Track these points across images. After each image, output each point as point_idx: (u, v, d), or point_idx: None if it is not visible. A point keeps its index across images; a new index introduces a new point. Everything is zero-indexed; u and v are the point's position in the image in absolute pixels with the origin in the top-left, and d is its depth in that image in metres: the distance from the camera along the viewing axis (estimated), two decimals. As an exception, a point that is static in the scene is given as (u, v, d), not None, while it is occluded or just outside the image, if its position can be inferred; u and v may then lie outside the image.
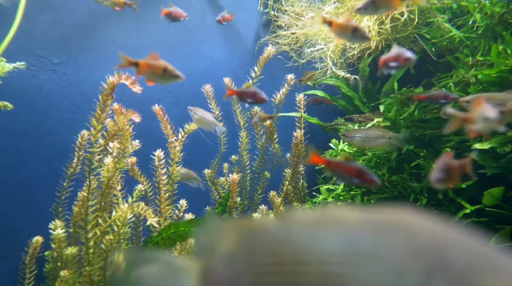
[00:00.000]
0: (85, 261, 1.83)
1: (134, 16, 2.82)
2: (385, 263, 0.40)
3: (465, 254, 0.39)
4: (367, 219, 0.43)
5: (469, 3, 2.27)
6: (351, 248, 0.42)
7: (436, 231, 0.41)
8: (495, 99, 1.63)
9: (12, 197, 2.42)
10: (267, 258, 0.46)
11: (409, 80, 2.54)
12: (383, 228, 0.42)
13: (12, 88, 2.42)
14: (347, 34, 1.58)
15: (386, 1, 1.57)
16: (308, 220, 0.46)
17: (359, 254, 0.41)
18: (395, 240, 0.41)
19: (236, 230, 0.51)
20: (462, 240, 0.40)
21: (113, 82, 1.75)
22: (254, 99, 1.77)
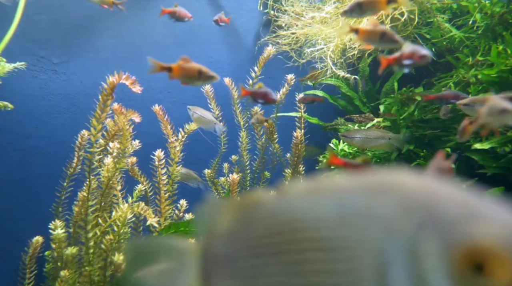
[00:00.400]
0: (85, 261, 1.83)
1: (134, 16, 2.82)
2: (376, 221, 0.41)
3: (455, 205, 0.39)
4: (360, 183, 0.44)
5: (469, 3, 2.27)
6: (344, 211, 0.43)
7: (428, 186, 0.42)
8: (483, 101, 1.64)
9: (12, 197, 2.42)
10: (265, 230, 0.47)
11: (409, 80, 2.54)
12: (375, 189, 0.43)
13: (12, 88, 2.42)
14: (375, 39, 1.54)
15: (372, 4, 1.56)
16: (303, 189, 0.47)
17: (351, 216, 0.42)
18: (386, 199, 0.41)
19: (234, 208, 0.52)
20: (454, 192, 0.41)
21: (113, 82, 1.75)
22: (265, 100, 1.77)
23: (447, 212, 0.39)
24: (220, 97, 2.50)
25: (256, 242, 0.48)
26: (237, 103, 2.54)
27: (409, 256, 0.39)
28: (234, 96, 2.48)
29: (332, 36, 2.68)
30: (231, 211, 0.52)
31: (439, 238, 0.38)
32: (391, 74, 2.68)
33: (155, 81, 2.78)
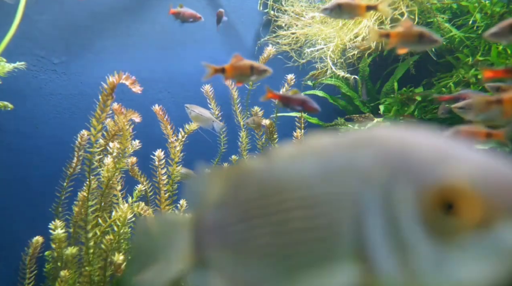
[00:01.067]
0: (85, 261, 1.83)
1: (134, 16, 2.82)
2: (354, 174, 0.42)
3: (427, 151, 0.41)
4: (342, 140, 0.46)
5: (469, 3, 2.27)
6: (325, 168, 0.44)
7: (403, 137, 0.43)
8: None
9: (12, 197, 2.42)
10: (252, 195, 0.49)
11: (409, 80, 2.54)
12: (354, 144, 0.44)
13: (12, 88, 2.42)
14: (412, 41, 1.48)
15: (352, 8, 1.55)
16: (288, 152, 0.48)
17: (332, 172, 0.44)
18: (364, 152, 0.43)
19: (223, 177, 0.53)
20: (427, 140, 0.42)
21: (113, 82, 1.75)
22: (304, 108, 1.75)
23: (419, 158, 0.40)
24: (220, 97, 2.50)
25: (245, 207, 0.49)
26: (237, 103, 2.54)
27: (383, 204, 0.40)
28: (234, 96, 2.48)
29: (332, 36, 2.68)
30: (221, 181, 0.53)
31: (410, 183, 0.39)
32: (391, 74, 2.68)
33: (155, 81, 2.79)
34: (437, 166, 0.39)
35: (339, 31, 2.63)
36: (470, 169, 0.39)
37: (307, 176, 0.45)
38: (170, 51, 2.87)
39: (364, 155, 0.43)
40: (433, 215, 0.39)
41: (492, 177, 0.38)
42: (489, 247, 0.37)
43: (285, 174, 0.47)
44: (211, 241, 0.53)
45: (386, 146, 0.43)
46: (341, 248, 0.42)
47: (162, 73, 2.82)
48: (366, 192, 0.41)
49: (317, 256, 0.44)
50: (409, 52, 2.53)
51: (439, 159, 0.40)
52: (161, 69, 2.81)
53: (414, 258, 0.39)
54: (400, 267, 0.40)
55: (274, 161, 0.49)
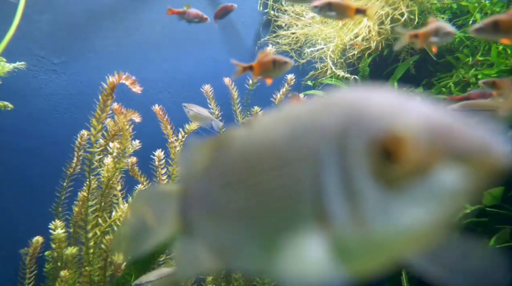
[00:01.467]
0: (85, 261, 1.83)
1: (134, 16, 2.82)
2: (316, 132, 0.45)
3: (380, 105, 0.43)
4: (311, 104, 0.49)
5: (469, 3, 2.27)
6: (292, 130, 0.48)
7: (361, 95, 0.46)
8: (480, 106, 1.65)
9: (12, 197, 2.42)
10: (234, 162, 0.52)
11: (409, 80, 2.54)
12: (319, 106, 0.48)
13: (12, 88, 2.42)
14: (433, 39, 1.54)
15: (341, 8, 1.56)
16: (266, 121, 0.52)
17: (297, 132, 0.47)
18: (327, 112, 0.46)
19: (208, 147, 0.56)
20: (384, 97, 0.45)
21: (113, 82, 1.75)
22: None
23: (369, 112, 0.43)
24: (220, 97, 2.50)
25: (225, 174, 0.53)
26: (237, 103, 2.54)
27: (338, 158, 0.43)
28: (234, 96, 2.48)
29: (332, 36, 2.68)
30: (207, 151, 0.56)
31: (360, 135, 0.42)
32: (391, 74, 2.68)
33: (155, 81, 2.78)
34: (383, 118, 0.42)
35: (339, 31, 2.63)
36: (411, 119, 0.41)
37: (276, 138, 0.48)
38: (170, 51, 2.87)
39: (324, 114, 0.46)
40: (379, 164, 0.41)
41: (432, 125, 0.40)
42: (429, 191, 0.40)
43: (259, 139, 0.50)
44: (195, 208, 0.57)
45: (343, 103, 0.45)
46: (304, 204, 0.45)
47: (162, 73, 2.82)
48: (324, 148, 0.44)
49: (285, 215, 0.46)
50: (409, 52, 2.53)
51: (386, 111, 0.42)
52: (161, 69, 2.81)
53: (364, 207, 0.42)
54: (352, 217, 0.42)
55: (254, 129, 0.52)
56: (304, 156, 0.45)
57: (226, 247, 0.54)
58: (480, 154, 0.39)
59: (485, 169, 0.40)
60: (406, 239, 0.42)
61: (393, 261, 0.47)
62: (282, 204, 0.46)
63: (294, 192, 0.45)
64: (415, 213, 0.40)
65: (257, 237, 0.49)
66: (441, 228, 0.43)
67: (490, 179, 0.41)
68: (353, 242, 0.43)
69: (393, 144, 0.40)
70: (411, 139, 0.40)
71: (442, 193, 0.40)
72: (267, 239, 0.48)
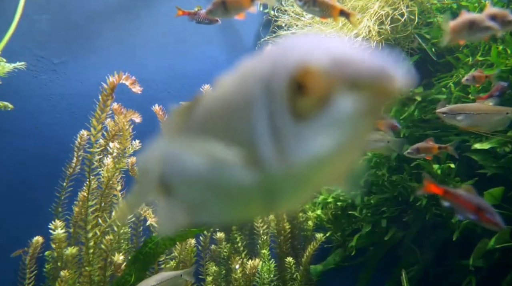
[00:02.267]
0: (85, 261, 1.83)
1: (134, 16, 2.81)
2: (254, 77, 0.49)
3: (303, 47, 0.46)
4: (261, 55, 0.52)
5: (469, 3, 2.27)
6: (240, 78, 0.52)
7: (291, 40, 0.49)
8: (469, 110, 1.65)
9: (12, 197, 2.42)
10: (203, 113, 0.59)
11: (409, 80, 2.54)
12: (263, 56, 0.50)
13: (12, 88, 2.42)
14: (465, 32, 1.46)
15: (325, 7, 1.54)
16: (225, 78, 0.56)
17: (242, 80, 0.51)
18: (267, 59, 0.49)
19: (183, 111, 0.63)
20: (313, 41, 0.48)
21: (113, 82, 1.75)
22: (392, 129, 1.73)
23: (292, 54, 0.46)
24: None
25: (192, 131, 0.59)
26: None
27: (266, 98, 0.47)
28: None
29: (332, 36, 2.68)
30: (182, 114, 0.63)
31: (281, 74, 0.46)
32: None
33: (155, 81, 2.78)
34: (298, 55, 0.45)
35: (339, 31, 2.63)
36: (318, 52, 0.44)
37: (227, 90, 0.54)
38: (170, 51, 2.87)
39: (265, 61, 0.49)
40: (294, 98, 0.45)
41: (334, 56, 0.43)
42: (333, 118, 0.43)
43: (217, 91, 0.56)
44: (171, 170, 0.63)
45: (275, 51, 0.49)
46: (243, 148, 0.49)
47: (162, 73, 2.82)
48: (257, 93, 0.48)
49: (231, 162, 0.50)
50: (409, 52, 2.53)
51: (302, 50, 0.46)
52: (161, 69, 2.81)
53: (284, 142, 0.46)
54: (277, 154, 0.46)
55: (216, 87, 0.57)
56: (243, 102, 0.49)
57: (195, 203, 0.61)
58: (373, 78, 0.42)
59: (379, 92, 0.43)
60: (321, 167, 0.46)
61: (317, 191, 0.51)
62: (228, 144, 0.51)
63: (237, 137, 0.50)
64: (323, 140, 0.44)
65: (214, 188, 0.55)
66: (351, 154, 0.47)
67: (386, 102, 0.44)
68: (282, 179, 0.47)
69: (302, 76, 0.44)
70: (315, 70, 0.43)
71: (344, 119, 0.43)
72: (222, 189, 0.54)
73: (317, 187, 0.52)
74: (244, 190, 0.51)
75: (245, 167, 0.49)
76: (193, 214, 0.63)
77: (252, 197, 0.52)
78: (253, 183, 0.49)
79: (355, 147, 0.47)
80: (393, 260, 2.37)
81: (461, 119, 1.66)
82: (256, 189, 0.50)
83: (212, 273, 2.11)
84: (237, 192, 0.52)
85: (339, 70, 0.43)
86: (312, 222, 2.39)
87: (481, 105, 1.68)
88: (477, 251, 1.87)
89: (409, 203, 2.18)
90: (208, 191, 0.57)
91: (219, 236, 2.21)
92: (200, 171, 0.55)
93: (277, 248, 2.29)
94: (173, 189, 0.63)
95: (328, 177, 0.49)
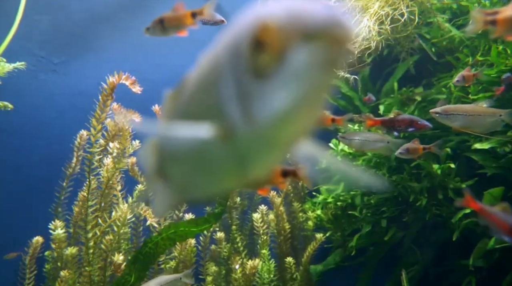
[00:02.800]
0: (85, 261, 1.84)
1: (134, 16, 2.81)
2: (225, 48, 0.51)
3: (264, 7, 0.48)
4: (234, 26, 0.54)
5: (469, 3, 2.27)
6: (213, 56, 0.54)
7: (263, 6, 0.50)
8: (463, 111, 1.66)
9: (12, 197, 2.42)
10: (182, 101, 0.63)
11: (409, 80, 2.54)
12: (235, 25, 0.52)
13: (12, 88, 2.42)
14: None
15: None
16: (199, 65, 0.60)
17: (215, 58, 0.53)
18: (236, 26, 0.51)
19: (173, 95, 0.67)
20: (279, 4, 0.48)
21: (113, 82, 1.75)
22: (416, 127, 1.70)
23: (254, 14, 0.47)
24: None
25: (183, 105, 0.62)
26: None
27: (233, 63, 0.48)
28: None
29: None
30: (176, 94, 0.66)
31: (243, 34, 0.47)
32: (391, 74, 2.68)
33: (155, 81, 2.78)
34: (258, 14, 0.46)
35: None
36: (275, 8, 0.45)
37: (204, 65, 0.56)
38: (170, 51, 2.87)
39: (230, 30, 0.52)
40: (254, 56, 0.46)
41: (290, 10, 0.44)
42: (290, 72, 0.44)
43: (196, 70, 0.59)
44: (164, 157, 0.66)
45: (241, 16, 0.50)
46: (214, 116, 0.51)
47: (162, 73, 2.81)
48: (225, 59, 0.50)
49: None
50: (409, 52, 2.53)
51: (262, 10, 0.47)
52: (161, 69, 2.81)
53: (248, 102, 0.47)
54: (242, 114, 0.48)
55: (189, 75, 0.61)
56: (214, 75, 0.52)
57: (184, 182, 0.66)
58: (325, 27, 0.43)
59: (333, 41, 0.43)
60: (285, 122, 0.47)
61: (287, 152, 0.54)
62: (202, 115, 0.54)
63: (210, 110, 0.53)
64: (284, 95, 0.45)
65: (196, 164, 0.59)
66: (312, 109, 0.48)
67: (340, 51, 0.44)
68: (250, 141, 0.49)
69: (261, 32, 0.45)
70: (272, 25, 0.44)
71: (301, 71, 0.44)
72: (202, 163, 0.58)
73: (285, 146, 0.53)
74: (219, 161, 0.54)
75: (217, 139, 0.50)
76: (184, 193, 0.67)
77: (227, 165, 0.54)
78: (226, 152, 0.51)
79: (315, 101, 0.47)
80: (393, 260, 2.37)
81: (454, 120, 1.66)
82: (230, 157, 0.52)
83: (212, 273, 2.11)
84: (214, 164, 0.55)
85: (293, 22, 0.43)
86: (312, 222, 2.39)
87: (474, 107, 1.68)
88: (477, 251, 1.87)
89: (409, 203, 2.18)
90: (192, 168, 0.61)
91: (219, 236, 2.21)
92: (183, 151, 0.58)
93: (277, 248, 2.29)
94: (168, 173, 0.67)
95: (293, 133, 0.50)
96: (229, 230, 2.34)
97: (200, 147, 0.54)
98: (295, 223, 2.40)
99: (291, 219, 2.39)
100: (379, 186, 0.62)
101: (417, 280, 2.26)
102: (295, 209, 2.41)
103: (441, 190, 2.05)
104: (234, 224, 2.36)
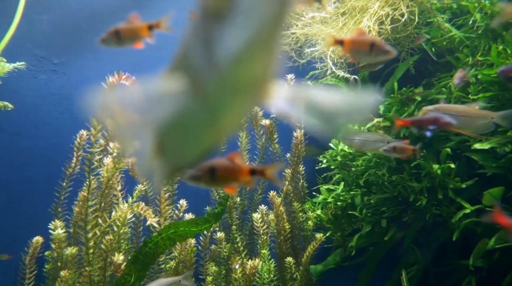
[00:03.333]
0: (85, 261, 1.84)
1: (134, 16, 2.81)
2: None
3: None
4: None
5: (469, 3, 2.27)
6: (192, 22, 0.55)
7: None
8: (455, 111, 1.66)
9: (12, 197, 2.42)
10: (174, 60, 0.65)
11: (409, 80, 2.54)
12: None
13: (12, 88, 2.42)
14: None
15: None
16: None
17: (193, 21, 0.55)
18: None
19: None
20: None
21: (113, 82, 1.75)
22: (439, 125, 1.69)
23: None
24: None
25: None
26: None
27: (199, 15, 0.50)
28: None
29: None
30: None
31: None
32: (391, 74, 2.67)
33: (155, 81, 2.78)
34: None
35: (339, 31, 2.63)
36: None
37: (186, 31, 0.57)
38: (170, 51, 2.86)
39: None
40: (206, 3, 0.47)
41: None
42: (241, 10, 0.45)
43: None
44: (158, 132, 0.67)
45: None
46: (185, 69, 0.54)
47: (162, 73, 2.82)
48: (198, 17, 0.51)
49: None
50: (409, 52, 2.53)
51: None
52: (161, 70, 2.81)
53: (209, 46, 0.48)
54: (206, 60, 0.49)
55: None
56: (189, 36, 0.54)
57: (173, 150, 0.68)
58: None
59: None
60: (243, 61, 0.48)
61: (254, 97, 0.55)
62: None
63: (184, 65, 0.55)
64: (238, 33, 0.45)
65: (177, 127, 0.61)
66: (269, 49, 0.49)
67: None
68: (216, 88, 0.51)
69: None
70: None
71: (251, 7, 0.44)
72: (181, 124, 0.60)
73: (249, 90, 0.54)
74: (196, 118, 0.56)
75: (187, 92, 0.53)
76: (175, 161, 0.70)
77: (203, 120, 0.57)
78: (200, 107, 0.54)
79: (271, 37, 0.48)
80: (393, 260, 2.37)
81: None
82: (203, 111, 0.54)
83: (212, 273, 2.11)
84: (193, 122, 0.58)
85: None
86: (312, 222, 2.39)
87: (467, 108, 1.69)
88: (477, 251, 1.87)
89: (409, 203, 2.17)
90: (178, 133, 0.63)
91: (219, 236, 2.21)
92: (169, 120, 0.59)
93: (277, 248, 2.29)
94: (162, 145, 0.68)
95: (254, 74, 0.51)
96: (229, 230, 2.34)
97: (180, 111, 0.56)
98: (295, 223, 2.40)
99: (291, 219, 2.39)
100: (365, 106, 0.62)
101: (417, 280, 2.26)
102: (295, 209, 2.41)
103: (441, 190, 2.05)
104: (234, 224, 2.36)
